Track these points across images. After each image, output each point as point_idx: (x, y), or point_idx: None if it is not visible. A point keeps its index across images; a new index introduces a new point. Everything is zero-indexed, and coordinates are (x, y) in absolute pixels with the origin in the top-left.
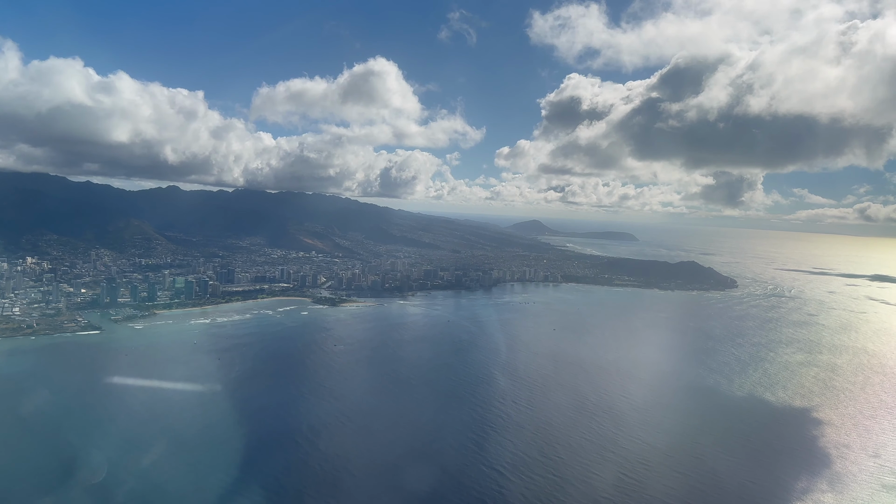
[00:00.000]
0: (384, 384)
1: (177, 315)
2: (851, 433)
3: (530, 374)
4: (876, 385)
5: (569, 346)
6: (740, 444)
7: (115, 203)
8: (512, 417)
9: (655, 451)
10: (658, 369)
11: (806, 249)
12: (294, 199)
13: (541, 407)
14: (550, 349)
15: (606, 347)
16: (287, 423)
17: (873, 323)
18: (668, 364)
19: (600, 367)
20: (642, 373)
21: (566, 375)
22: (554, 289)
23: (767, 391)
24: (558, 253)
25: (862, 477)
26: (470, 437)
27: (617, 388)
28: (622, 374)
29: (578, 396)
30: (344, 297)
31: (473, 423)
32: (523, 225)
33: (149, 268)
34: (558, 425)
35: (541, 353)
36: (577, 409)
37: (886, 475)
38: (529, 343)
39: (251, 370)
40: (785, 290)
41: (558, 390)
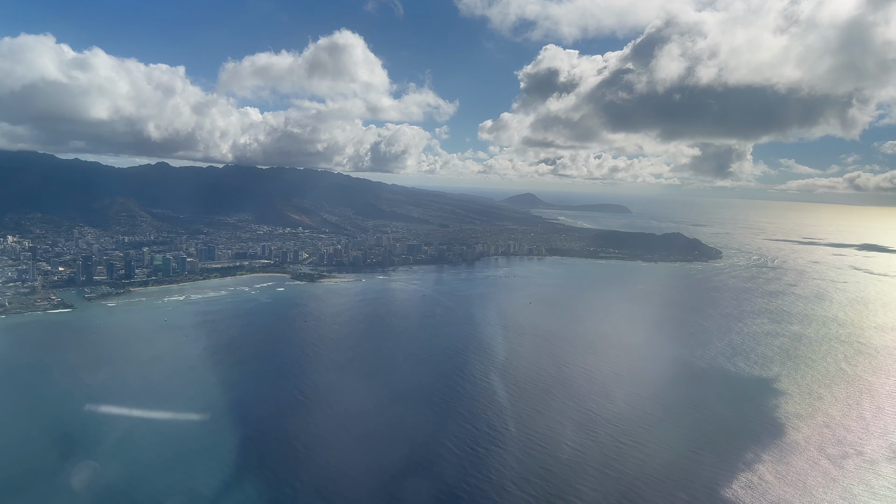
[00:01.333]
0: (346, 360)
1: (152, 292)
2: (804, 403)
3: (495, 348)
4: (838, 354)
5: (540, 319)
6: (691, 413)
7: (103, 180)
8: (466, 391)
9: (601, 421)
10: (622, 341)
11: (798, 219)
12: (284, 175)
13: (497, 380)
14: (520, 322)
15: (576, 320)
16: (242, 401)
17: (850, 293)
18: (632, 336)
19: (566, 339)
20: (605, 345)
21: (530, 348)
22: (538, 262)
23: (728, 361)
24: (548, 226)
25: (808, 448)
26: (421, 411)
27: (577, 360)
28: (585, 346)
29: (537, 369)
30: (323, 272)
31: (426, 397)
32: (517, 198)
33: (131, 245)
34: (511, 398)
35: (510, 327)
36: (534, 381)
37: (830, 445)
38: (501, 317)
39: (214, 347)
40: (768, 260)
41: (520, 363)
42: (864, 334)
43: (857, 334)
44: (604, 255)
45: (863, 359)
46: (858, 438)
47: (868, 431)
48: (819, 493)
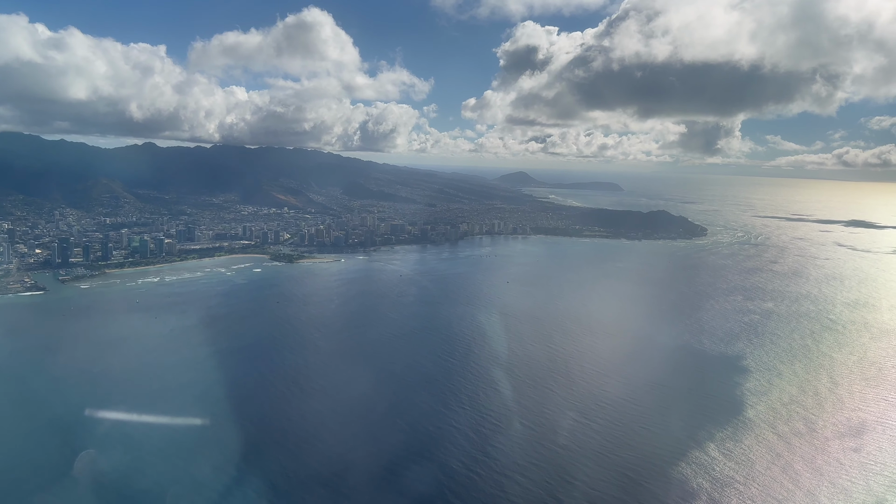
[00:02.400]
0: (312, 341)
1: (128, 274)
2: (762, 380)
3: (463, 328)
4: (805, 331)
5: (514, 298)
6: (647, 390)
7: (89, 161)
8: (423, 368)
9: (552, 396)
10: (591, 319)
11: (788, 196)
12: (273, 155)
13: (455, 357)
14: (492, 301)
15: (549, 299)
16: (201, 382)
17: (827, 269)
18: (601, 314)
19: (535, 317)
20: (572, 323)
21: (497, 327)
22: (522, 241)
23: (693, 338)
24: (537, 205)
25: (758, 424)
26: (379, 391)
27: (542, 338)
28: (553, 324)
29: (500, 348)
30: (304, 253)
31: (386, 376)
32: (510, 177)
33: (113, 226)
34: (465, 374)
35: (482, 306)
36: (491, 358)
37: (781, 422)
38: (474, 296)
39: (181, 328)
40: (752, 237)
41: (481, 341)
42: (833, 310)
43: (827, 311)
44: (588, 233)
45: (829, 335)
46: (811, 415)
47: (821, 408)
48: (762, 469)
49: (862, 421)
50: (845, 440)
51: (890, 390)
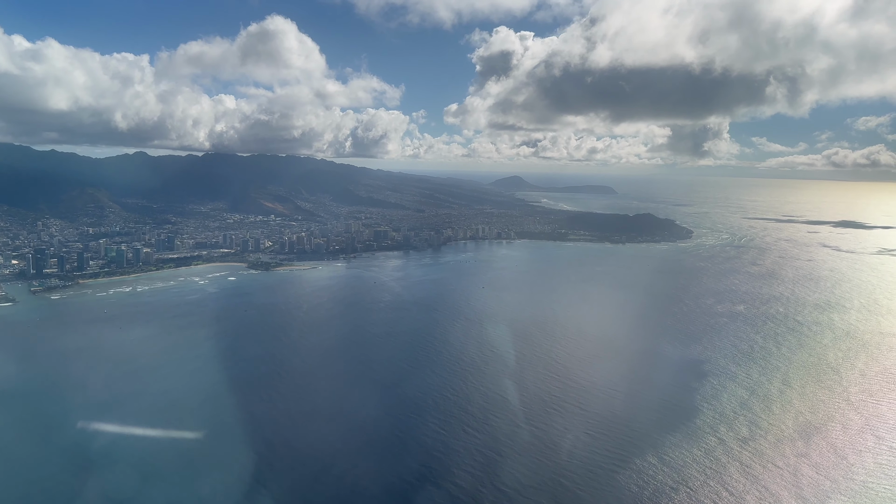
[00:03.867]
0: (273, 349)
1: (101, 284)
2: (715, 384)
3: (426, 333)
4: (767, 333)
5: (483, 303)
6: (594, 395)
7: (78, 171)
8: (376, 374)
9: (499, 401)
10: (557, 324)
11: (781, 197)
12: (265, 162)
13: (411, 363)
14: (463, 307)
15: (520, 304)
16: (152, 391)
17: (804, 270)
18: (568, 319)
19: (500, 322)
20: (536, 328)
21: (460, 332)
22: (505, 246)
23: (652, 341)
24: (527, 209)
25: (705, 432)
26: (324, 398)
27: (501, 342)
28: (519, 329)
29: (454, 351)
30: (282, 261)
31: (335, 383)
32: (504, 181)
33: (95, 236)
34: (416, 380)
35: (451, 311)
36: (449, 362)
37: (726, 427)
38: (445, 301)
39: (142, 338)
40: (737, 239)
41: (441, 346)
42: (802, 312)
43: (795, 312)
44: (573, 237)
45: (792, 337)
46: (757, 418)
47: (768, 411)
48: (696, 475)
49: (807, 424)
50: (786, 445)
51: (841, 393)
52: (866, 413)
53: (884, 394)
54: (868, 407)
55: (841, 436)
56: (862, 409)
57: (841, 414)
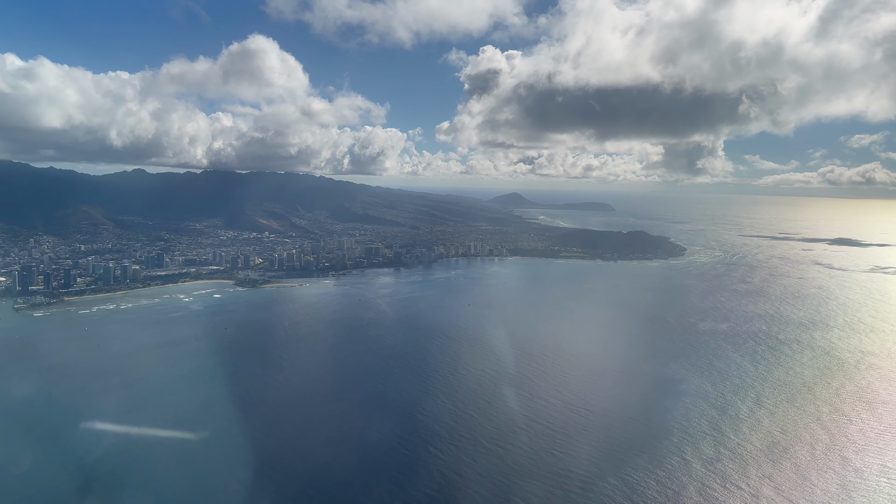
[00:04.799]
0: (245, 367)
1: (86, 301)
2: (686, 402)
3: (403, 350)
4: (746, 352)
5: (464, 320)
6: (566, 412)
7: (76, 188)
8: (346, 393)
9: (465, 416)
10: (533, 339)
11: (780, 214)
12: (263, 179)
13: (386, 381)
14: (442, 324)
15: (502, 322)
16: (117, 411)
17: (791, 288)
18: (546, 335)
19: (479, 340)
20: (513, 345)
21: (436, 350)
22: (497, 263)
23: (632, 359)
24: (523, 226)
25: (671, 448)
26: (292, 416)
27: (475, 360)
28: (494, 346)
29: (430, 368)
30: (270, 278)
31: (307, 402)
32: (503, 198)
33: (87, 253)
34: (390, 396)
35: (430, 328)
36: (422, 380)
37: (690, 447)
38: (428, 319)
39: (118, 355)
40: (730, 256)
41: (416, 364)
42: (784, 330)
43: (777, 331)
44: (566, 254)
45: (770, 355)
46: (726, 438)
47: (737, 431)
48: (655, 499)
49: (774, 444)
50: (751, 466)
51: (813, 413)
52: (835, 433)
53: (855, 413)
54: (838, 427)
55: (807, 456)
56: (832, 429)
57: (810, 434)
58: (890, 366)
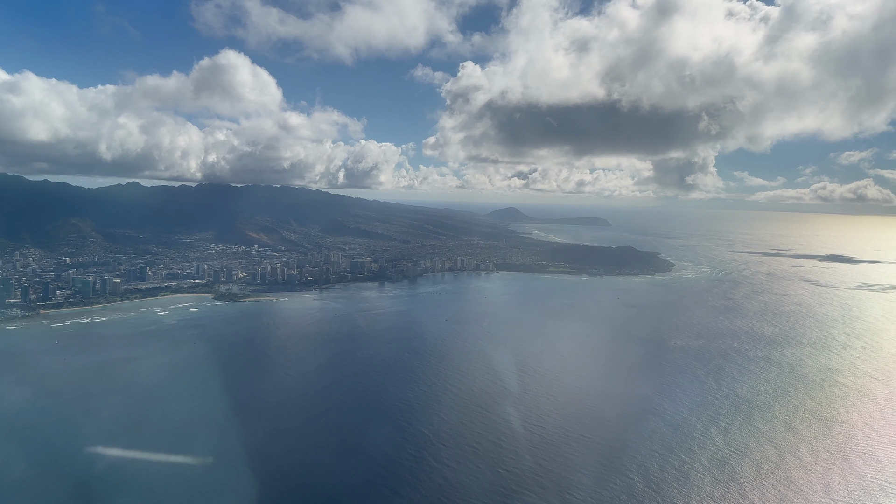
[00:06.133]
0: (213, 384)
1: (62, 315)
2: (641, 421)
3: (366, 366)
4: (710, 367)
5: (437, 336)
6: (519, 430)
7: (68, 201)
8: (300, 408)
9: (414, 433)
10: (501, 356)
11: (775, 230)
12: (258, 193)
13: (344, 396)
14: (412, 339)
15: (473, 336)
16: (65, 423)
17: (771, 304)
18: (515, 350)
19: (446, 355)
20: (478, 360)
21: (400, 366)
22: (482, 278)
23: (593, 376)
24: (515, 240)
25: (619, 465)
26: (249, 432)
27: (441, 376)
28: (460, 361)
29: (392, 384)
30: (251, 292)
31: (263, 417)
32: (500, 212)
33: (73, 266)
34: (344, 412)
35: (400, 343)
36: (381, 396)
37: (636, 465)
38: (401, 334)
39: (81, 368)
40: (717, 272)
41: (377, 380)
42: (753, 348)
43: (747, 347)
44: (553, 269)
45: (735, 372)
46: (675, 458)
47: (687, 447)
48: None
49: (722, 463)
50: (692, 487)
51: (766, 432)
52: (785, 452)
53: (809, 432)
54: (788, 445)
55: (752, 475)
56: (782, 448)
57: (759, 452)
58: (853, 383)
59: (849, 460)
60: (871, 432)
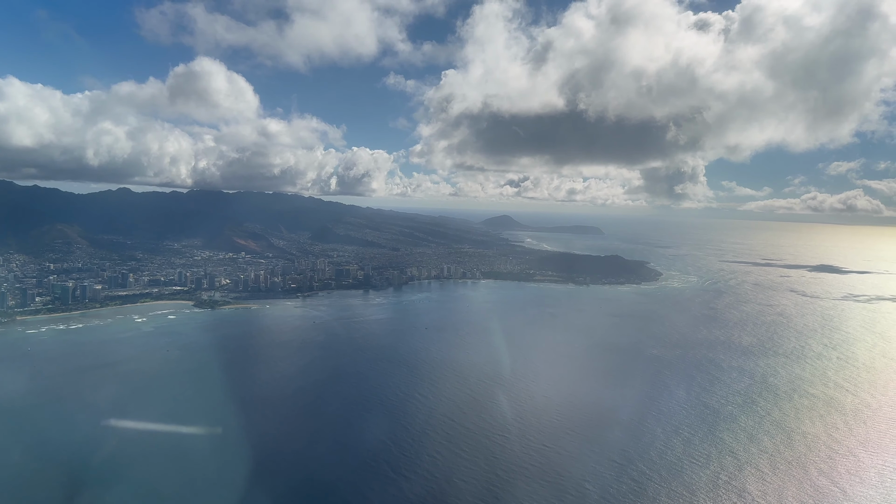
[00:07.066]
0: (180, 395)
1: (39, 321)
2: (605, 427)
3: (341, 375)
4: (682, 376)
5: (413, 344)
6: (469, 440)
7: (57, 207)
8: (259, 418)
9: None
10: (471, 364)
11: (767, 240)
12: (250, 199)
13: (307, 405)
14: (386, 348)
15: (449, 345)
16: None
17: (752, 314)
18: (487, 360)
19: (416, 364)
20: (448, 369)
21: (370, 374)
22: (468, 287)
23: (567, 383)
24: (506, 248)
25: (568, 480)
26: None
27: (411, 385)
28: (432, 371)
29: (359, 394)
30: (232, 299)
31: (221, 428)
32: (494, 220)
33: (55, 272)
34: (302, 422)
35: (375, 352)
36: (345, 406)
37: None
38: (377, 342)
39: (50, 375)
40: (703, 282)
41: (348, 389)
42: (728, 357)
43: (722, 358)
44: (539, 277)
45: (706, 382)
46: (630, 472)
47: (646, 459)
48: None
49: (677, 472)
50: (647, 499)
51: (728, 442)
52: (744, 463)
53: (771, 443)
54: (749, 457)
55: (707, 487)
56: (741, 459)
57: (718, 464)
58: (822, 393)
59: (807, 471)
60: (833, 443)
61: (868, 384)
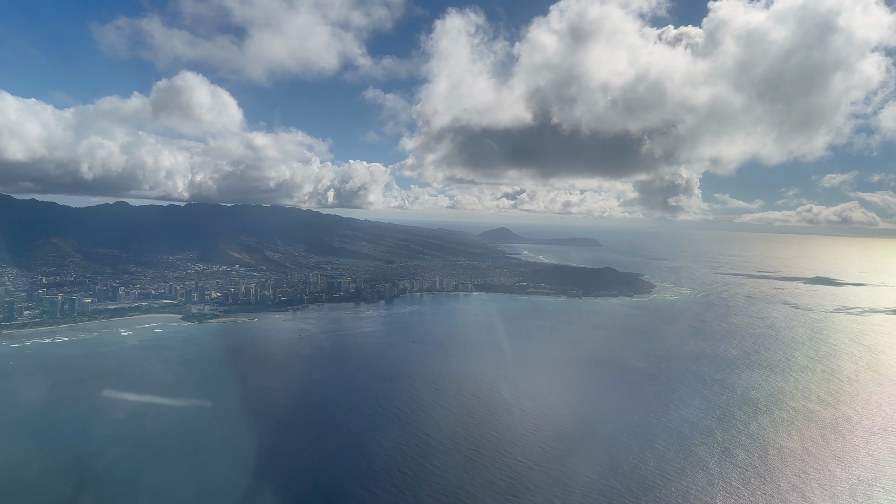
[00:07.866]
0: (159, 404)
1: (25, 334)
2: (582, 440)
3: (322, 389)
4: (664, 389)
5: (400, 358)
6: (442, 450)
7: (53, 220)
8: (232, 433)
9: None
10: (452, 377)
11: (764, 252)
12: (247, 212)
13: (284, 418)
14: (370, 361)
15: (434, 358)
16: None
17: (740, 326)
18: (469, 372)
19: (398, 377)
20: (427, 382)
21: (355, 389)
22: (459, 299)
23: (547, 397)
24: (502, 261)
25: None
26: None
27: (390, 399)
28: (412, 384)
29: (338, 409)
30: (220, 312)
31: (191, 439)
32: (492, 232)
33: (47, 286)
34: (274, 436)
35: (357, 365)
36: (323, 421)
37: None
38: (361, 356)
39: (27, 389)
40: (696, 294)
41: (329, 404)
42: (711, 370)
43: (705, 371)
44: (532, 290)
45: (686, 394)
46: (609, 482)
47: (619, 473)
48: None
49: (649, 488)
50: None
51: (702, 456)
52: (717, 477)
53: (745, 458)
54: (721, 471)
55: (676, 502)
56: (714, 474)
57: (690, 479)
58: (802, 406)
59: (778, 486)
60: (808, 457)
61: (850, 397)
